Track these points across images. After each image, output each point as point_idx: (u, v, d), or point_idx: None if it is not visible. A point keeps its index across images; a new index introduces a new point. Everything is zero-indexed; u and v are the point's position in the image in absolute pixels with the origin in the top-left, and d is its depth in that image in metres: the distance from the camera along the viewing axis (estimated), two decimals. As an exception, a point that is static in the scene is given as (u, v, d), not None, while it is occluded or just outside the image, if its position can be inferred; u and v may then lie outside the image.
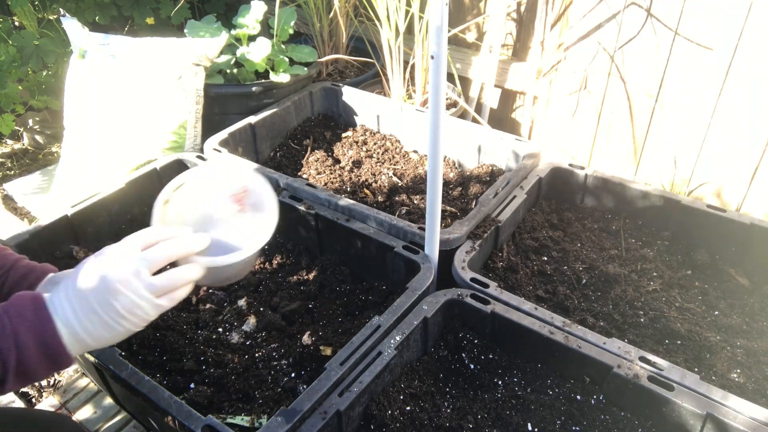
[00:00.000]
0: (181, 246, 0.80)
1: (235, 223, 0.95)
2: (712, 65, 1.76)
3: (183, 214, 0.91)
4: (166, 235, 0.81)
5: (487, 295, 1.32)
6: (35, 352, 0.71)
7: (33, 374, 0.73)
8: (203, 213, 0.93)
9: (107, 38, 2.04)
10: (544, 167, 1.80)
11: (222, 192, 0.95)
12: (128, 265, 0.75)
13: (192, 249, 0.82)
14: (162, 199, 0.91)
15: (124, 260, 0.75)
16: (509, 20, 2.33)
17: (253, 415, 1.18)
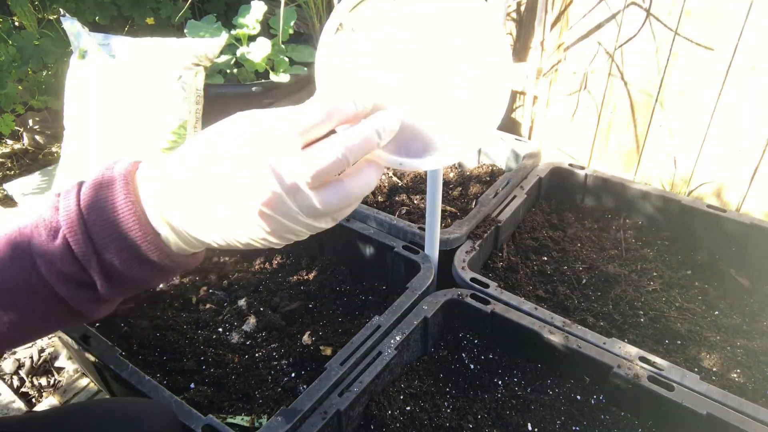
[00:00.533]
0: (362, 143, 0.50)
1: (441, 84, 0.53)
2: (712, 65, 1.76)
3: (362, 56, 0.54)
4: (340, 114, 0.51)
5: (487, 295, 1.32)
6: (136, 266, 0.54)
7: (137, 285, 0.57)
8: (394, 59, 0.54)
9: (107, 38, 2.04)
10: (544, 167, 1.80)
11: (424, 26, 0.53)
12: (283, 177, 0.49)
13: (379, 144, 0.52)
14: (333, 26, 0.54)
15: (280, 163, 0.49)
16: (509, 20, 2.33)
17: (253, 414, 1.18)
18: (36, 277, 0.53)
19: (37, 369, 1.70)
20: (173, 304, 1.55)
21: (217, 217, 0.51)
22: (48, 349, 1.75)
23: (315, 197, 0.50)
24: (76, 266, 0.53)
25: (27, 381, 1.66)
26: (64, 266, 0.52)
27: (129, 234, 0.52)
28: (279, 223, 0.50)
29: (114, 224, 0.52)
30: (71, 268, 0.53)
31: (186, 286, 1.61)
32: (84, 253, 0.52)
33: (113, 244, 0.52)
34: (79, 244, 0.52)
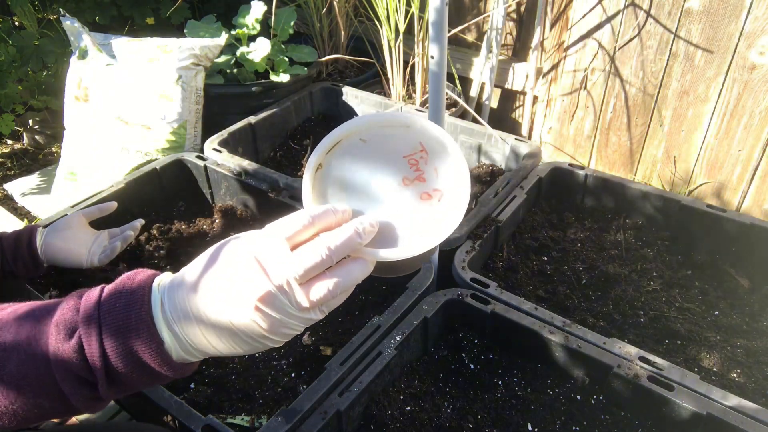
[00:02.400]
0: (345, 242, 0.56)
1: (408, 197, 0.64)
2: (712, 65, 1.76)
3: (340, 184, 0.65)
4: (323, 220, 0.59)
5: (487, 295, 1.32)
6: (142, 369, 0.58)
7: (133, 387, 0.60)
8: (366, 181, 0.65)
9: (107, 38, 2.04)
10: (544, 167, 1.81)
11: (392, 152, 0.65)
12: (275, 276, 0.54)
13: (360, 243, 0.58)
14: (313, 164, 0.65)
15: (271, 267, 0.55)
16: (509, 20, 2.33)
17: (253, 415, 1.18)
18: (46, 372, 0.56)
19: (37, 369, 1.69)
20: (173, 304, 1.55)
21: None
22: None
23: (304, 292, 0.55)
24: (85, 366, 0.56)
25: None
26: (73, 365, 0.55)
27: (136, 342, 0.56)
28: (274, 319, 0.54)
29: (126, 334, 0.56)
30: (79, 366, 0.56)
31: (186, 286, 1.61)
32: (94, 355, 0.55)
33: (121, 349, 0.56)
34: (92, 346, 0.55)
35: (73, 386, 0.56)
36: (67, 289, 1.54)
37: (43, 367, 0.56)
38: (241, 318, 0.54)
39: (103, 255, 1.10)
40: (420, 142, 0.65)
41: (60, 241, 1.08)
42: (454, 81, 2.27)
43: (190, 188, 1.91)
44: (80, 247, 1.10)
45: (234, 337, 0.56)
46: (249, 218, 1.82)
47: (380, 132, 0.65)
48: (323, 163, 0.65)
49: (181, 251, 1.72)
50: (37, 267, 1.08)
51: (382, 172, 0.65)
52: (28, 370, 0.56)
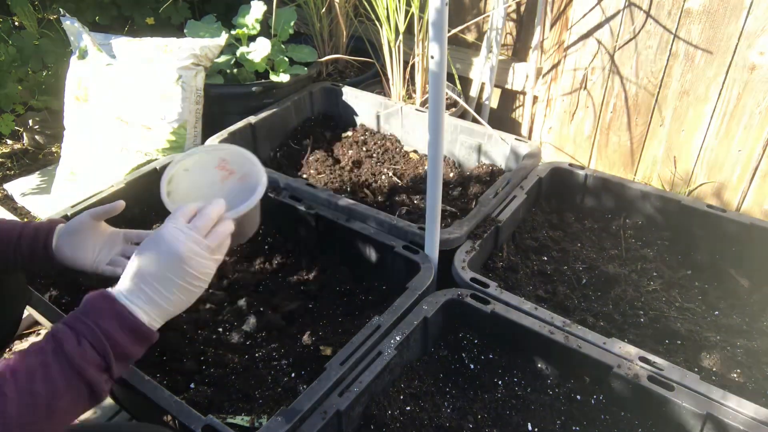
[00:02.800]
0: (215, 209, 0.92)
1: (230, 187, 1.09)
2: (712, 65, 1.76)
3: (185, 188, 1.07)
4: (197, 206, 0.93)
5: (487, 295, 1.32)
6: (125, 338, 0.80)
7: (131, 355, 0.83)
8: (201, 184, 1.08)
9: (107, 38, 2.04)
10: (544, 167, 1.81)
11: (209, 165, 1.11)
12: (188, 237, 0.86)
13: (221, 210, 0.94)
14: (166, 179, 1.06)
15: (183, 235, 0.86)
16: (509, 20, 2.33)
17: (253, 415, 1.18)
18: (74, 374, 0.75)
19: (37, 369, 1.69)
20: (173, 304, 1.55)
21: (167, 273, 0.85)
22: (48, 349, 1.75)
23: (207, 240, 0.89)
24: (99, 359, 0.77)
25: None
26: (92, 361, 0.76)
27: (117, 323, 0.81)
28: (198, 263, 0.86)
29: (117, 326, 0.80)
30: (96, 359, 0.77)
31: (186, 286, 1.61)
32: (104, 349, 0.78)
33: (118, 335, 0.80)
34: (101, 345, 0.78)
35: (96, 374, 0.76)
36: (67, 289, 1.54)
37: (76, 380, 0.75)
38: (179, 270, 0.84)
39: (109, 268, 1.11)
40: (219, 157, 1.11)
41: (67, 248, 1.08)
42: (454, 81, 2.28)
43: (190, 188, 1.91)
44: (86, 254, 1.10)
45: (182, 289, 0.86)
46: (249, 218, 1.82)
47: (196, 159, 1.10)
48: (172, 176, 1.07)
49: (181, 251, 1.71)
50: (53, 266, 1.10)
51: (207, 178, 1.09)
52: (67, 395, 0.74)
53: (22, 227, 1.07)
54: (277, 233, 1.76)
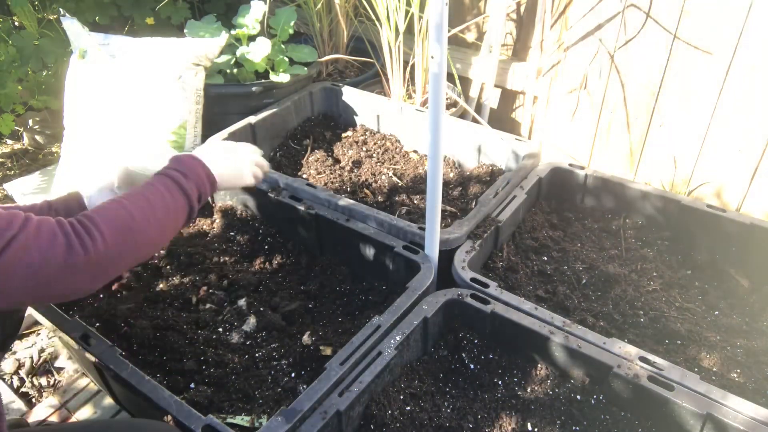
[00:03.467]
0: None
1: None
2: (712, 65, 1.76)
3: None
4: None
5: (487, 295, 1.32)
6: (209, 185, 1.14)
7: (207, 194, 1.14)
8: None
9: (107, 38, 2.04)
10: (544, 167, 1.81)
11: None
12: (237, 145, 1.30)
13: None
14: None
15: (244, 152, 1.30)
16: (509, 20, 2.33)
17: (253, 415, 1.18)
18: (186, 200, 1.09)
19: (37, 369, 1.70)
20: (173, 304, 1.55)
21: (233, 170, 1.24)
22: (48, 349, 1.75)
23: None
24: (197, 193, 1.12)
25: (27, 381, 1.66)
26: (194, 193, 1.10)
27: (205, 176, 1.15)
28: (251, 168, 1.29)
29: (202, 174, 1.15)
30: (196, 193, 1.11)
31: (186, 286, 1.61)
32: (201, 188, 1.13)
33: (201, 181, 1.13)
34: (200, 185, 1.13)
35: (193, 202, 1.10)
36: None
37: (178, 194, 1.07)
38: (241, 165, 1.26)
39: None
40: None
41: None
42: (454, 81, 2.27)
43: (190, 188, 1.91)
44: None
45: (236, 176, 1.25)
46: (249, 218, 1.82)
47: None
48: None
49: (182, 251, 1.72)
50: None
51: None
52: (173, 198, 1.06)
53: (47, 201, 1.22)
54: (277, 233, 1.76)
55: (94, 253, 0.88)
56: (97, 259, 0.89)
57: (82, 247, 0.87)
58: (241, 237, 1.79)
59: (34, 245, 0.84)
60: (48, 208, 1.20)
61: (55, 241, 0.86)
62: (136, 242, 0.96)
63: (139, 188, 1.04)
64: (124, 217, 0.95)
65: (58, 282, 0.86)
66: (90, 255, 0.88)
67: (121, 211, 0.96)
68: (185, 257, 1.70)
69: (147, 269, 1.67)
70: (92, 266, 0.89)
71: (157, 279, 1.65)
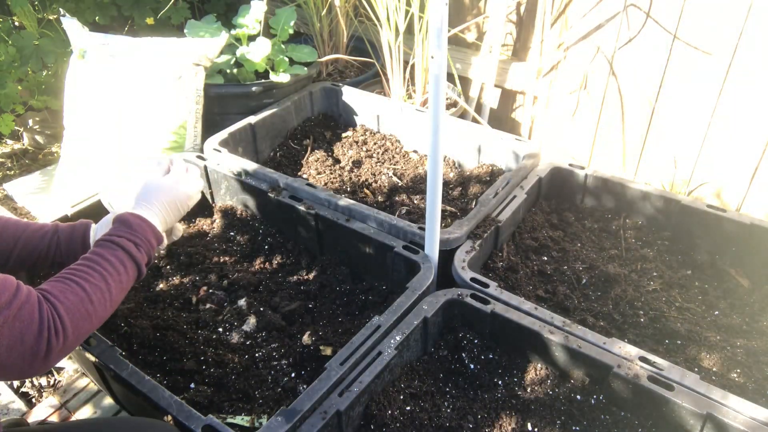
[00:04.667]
0: (175, 156, 1.43)
1: None
2: (712, 65, 1.76)
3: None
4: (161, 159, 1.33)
5: (487, 295, 1.32)
6: (153, 241, 1.14)
7: (153, 249, 1.15)
8: None
9: (107, 38, 2.04)
10: (544, 167, 1.81)
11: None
12: (167, 177, 1.27)
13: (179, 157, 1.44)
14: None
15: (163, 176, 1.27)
16: (509, 20, 2.33)
17: (254, 415, 1.18)
18: (135, 271, 1.10)
19: (37, 369, 1.69)
20: (173, 304, 1.55)
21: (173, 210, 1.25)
22: (48, 349, 1.75)
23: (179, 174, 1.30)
24: (145, 257, 1.12)
25: (27, 381, 1.66)
26: (142, 258, 1.11)
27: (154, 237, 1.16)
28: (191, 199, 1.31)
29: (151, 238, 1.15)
30: (143, 257, 1.11)
31: (186, 286, 1.61)
32: (146, 247, 1.13)
33: (151, 245, 1.14)
34: (140, 244, 1.11)
35: (143, 264, 1.10)
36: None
37: (131, 265, 1.08)
38: (184, 202, 1.27)
39: None
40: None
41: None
42: (454, 81, 2.28)
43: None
44: None
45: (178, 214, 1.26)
46: (249, 218, 1.82)
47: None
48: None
49: (182, 251, 1.72)
50: None
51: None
52: (126, 272, 1.06)
53: (56, 225, 1.25)
54: (277, 233, 1.76)
55: (55, 350, 0.90)
56: (56, 354, 0.90)
57: (48, 345, 0.89)
58: (241, 237, 1.79)
59: (10, 325, 0.85)
60: (54, 232, 1.22)
61: (30, 327, 0.87)
62: (92, 326, 0.98)
63: (97, 260, 1.03)
64: (85, 307, 0.96)
65: (15, 366, 0.87)
66: (52, 352, 0.89)
67: (82, 298, 0.96)
68: (185, 257, 1.70)
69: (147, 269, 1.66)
70: (50, 360, 0.90)
71: (157, 279, 1.65)
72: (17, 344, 0.85)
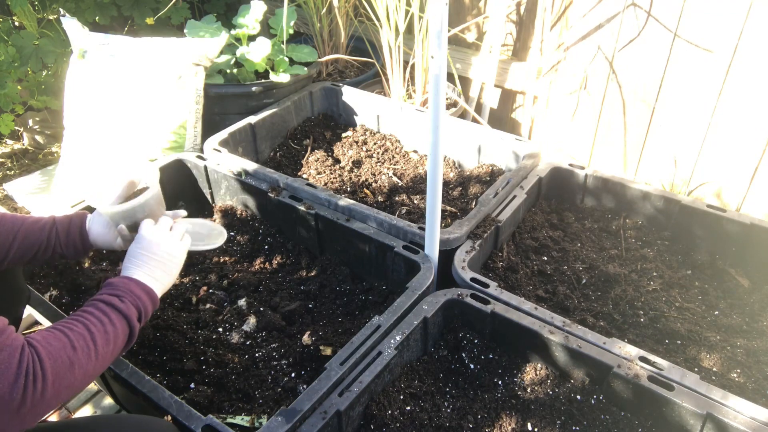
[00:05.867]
0: (167, 216, 1.26)
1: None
2: (712, 65, 1.76)
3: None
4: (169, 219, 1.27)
5: (487, 295, 1.32)
6: (142, 295, 1.09)
7: (148, 312, 1.10)
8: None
9: (107, 38, 2.04)
10: (544, 167, 1.81)
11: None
12: (162, 237, 1.19)
13: (172, 215, 1.30)
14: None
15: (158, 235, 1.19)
16: (509, 20, 2.33)
17: (253, 414, 1.18)
18: (126, 323, 1.04)
19: (37, 369, 1.69)
20: (173, 304, 1.55)
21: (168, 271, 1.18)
22: (48, 349, 1.75)
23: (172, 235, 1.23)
24: (137, 313, 1.07)
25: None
26: (133, 314, 1.06)
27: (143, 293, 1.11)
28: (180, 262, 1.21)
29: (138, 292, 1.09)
30: (136, 314, 1.06)
31: (186, 286, 1.61)
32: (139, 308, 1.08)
33: (139, 299, 1.09)
34: (123, 296, 1.06)
35: (136, 324, 1.05)
36: (67, 289, 1.54)
37: (116, 316, 1.02)
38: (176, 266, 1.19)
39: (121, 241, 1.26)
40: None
41: (97, 226, 1.24)
42: (454, 81, 2.28)
43: (190, 188, 1.91)
44: (112, 233, 1.24)
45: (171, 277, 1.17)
46: (249, 218, 1.82)
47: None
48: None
49: (181, 251, 1.72)
50: (85, 251, 1.25)
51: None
52: (111, 323, 1.01)
53: (53, 217, 1.23)
54: (277, 233, 1.76)
55: (31, 401, 0.83)
56: (30, 406, 0.83)
57: (23, 394, 0.82)
58: (241, 237, 1.79)
59: None
60: (52, 224, 1.21)
61: (6, 373, 0.81)
62: (74, 380, 0.91)
63: (80, 314, 1.00)
64: (67, 353, 0.90)
65: None
66: (26, 403, 0.82)
67: (65, 345, 0.91)
68: (185, 257, 1.69)
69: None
70: (22, 413, 0.83)
71: (157, 279, 1.65)
72: None
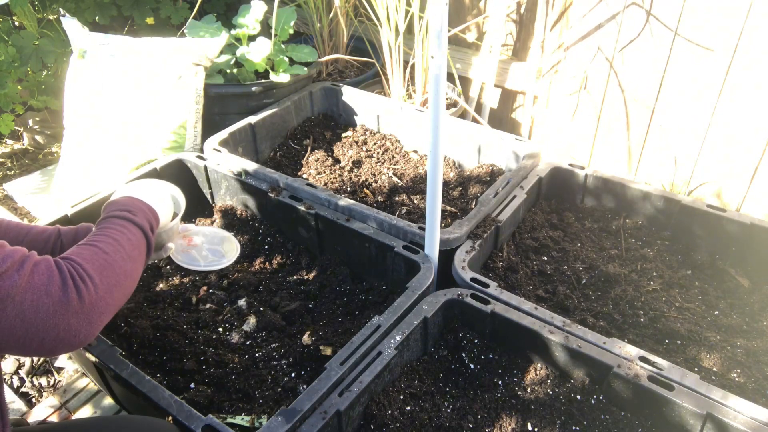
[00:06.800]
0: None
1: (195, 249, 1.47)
2: (712, 65, 1.76)
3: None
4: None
5: (487, 295, 1.32)
6: (146, 210, 1.12)
7: (154, 232, 1.13)
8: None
9: (107, 38, 2.04)
10: (544, 167, 1.81)
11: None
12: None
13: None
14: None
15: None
16: (509, 20, 2.33)
17: (253, 414, 1.18)
18: (141, 233, 1.07)
19: (37, 369, 1.70)
20: (173, 304, 1.55)
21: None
22: (48, 349, 1.75)
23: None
24: (149, 226, 1.10)
25: (27, 381, 1.66)
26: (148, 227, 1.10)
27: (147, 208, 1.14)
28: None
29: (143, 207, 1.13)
30: (144, 223, 1.09)
31: (186, 286, 1.61)
32: (150, 222, 1.12)
33: (146, 213, 1.12)
34: (132, 210, 1.09)
35: (146, 230, 1.08)
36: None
37: (130, 225, 1.05)
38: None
39: None
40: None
41: None
42: (454, 81, 2.28)
43: (190, 188, 1.91)
44: None
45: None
46: (249, 218, 1.82)
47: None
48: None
49: (181, 251, 1.72)
50: None
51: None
52: (129, 230, 1.04)
53: (57, 228, 1.24)
54: (277, 233, 1.76)
55: (88, 297, 0.86)
56: (90, 301, 0.87)
57: (78, 292, 0.85)
58: (241, 237, 1.79)
59: (27, 284, 0.81)
60: (57, 236, 1.21)
61: (51, 280, 0.83)
62: (118, 278, 0.95)
63: (95, 232, 1.02)
64: (102, 257, 0.94)
65: (51, 326, 0.82)
66: (85, 299, 0.86)
67: (96, 251, 0.95)
68: (185, 257, 1.70)
69: (147, 269, 1.67)
70: (85, 306, 0.86)
71: (157, 279, 1.65)
72: (43, 298, 0.81)
